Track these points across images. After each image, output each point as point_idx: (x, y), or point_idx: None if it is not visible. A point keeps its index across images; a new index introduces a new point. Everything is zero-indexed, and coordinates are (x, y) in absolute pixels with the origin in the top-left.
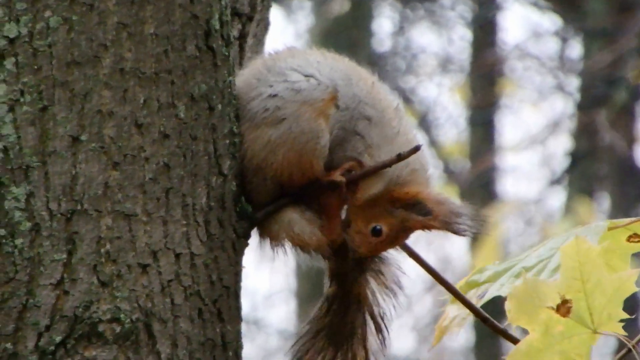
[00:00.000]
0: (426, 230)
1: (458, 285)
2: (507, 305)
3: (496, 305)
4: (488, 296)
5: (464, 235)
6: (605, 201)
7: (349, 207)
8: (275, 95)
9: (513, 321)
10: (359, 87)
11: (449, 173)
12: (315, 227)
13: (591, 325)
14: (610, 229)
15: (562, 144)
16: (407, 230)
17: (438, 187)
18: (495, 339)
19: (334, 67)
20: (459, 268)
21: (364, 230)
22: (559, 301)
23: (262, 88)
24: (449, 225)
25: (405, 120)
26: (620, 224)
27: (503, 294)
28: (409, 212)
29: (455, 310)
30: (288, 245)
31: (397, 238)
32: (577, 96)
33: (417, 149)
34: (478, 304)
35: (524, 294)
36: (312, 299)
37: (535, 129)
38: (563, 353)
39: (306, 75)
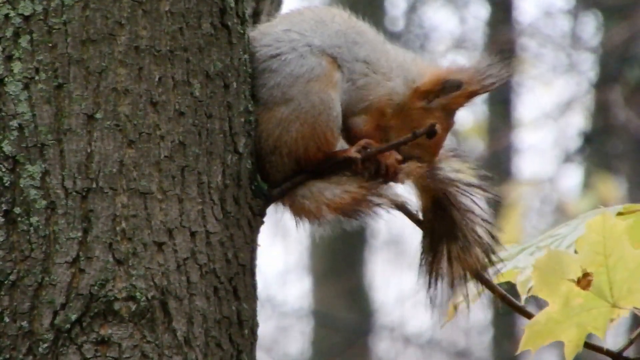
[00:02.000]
0: (469, 100)
1: None
2: (531, 277)
3: (512, 286)
4: (505, 270)
5: (501, 82)
6: (623, 178)
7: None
8: (278, 84)
9: (536, 292)
10: (335, 22)
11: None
12: (344, 185)
13: (610, 299)
14: (623, 213)
15: (576, 122)
16: (452, 112)
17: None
18: (511, 316)
19: (304, 27)
20: None
21: (421, 140)
22: (580, 274)
23: (262, 79)
24: (483, 81)
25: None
26: (635, 208)
27: (517, 270)
28: (445, 95)
29: (469, 286)
30: (329, 217)
31: (449, 124)
32: (592, 74)
33: (432, 126)
34: (494, 280)
35: (547, 266)
36: (327, 276)
37: (550, 107)
38: (580, 325)
39: (296, 61)
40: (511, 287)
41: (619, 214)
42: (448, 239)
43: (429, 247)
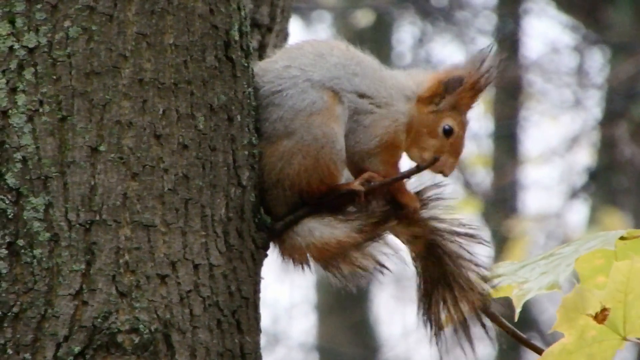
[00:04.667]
0: (475, 93)
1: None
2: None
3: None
4: (501, 284)
5: (499, 69)
6: (628, 213)
7: (411, 151)
8: (281, 118)
9: (557, 327)
10: (334, 55)
11: (469, 186)
12: (333, 228)
13: (622, 333)
14: (626, 238)
15: (582, 158)
16: (463, 109)
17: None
18: (517, 351)
19: (303, 62)
20: None
21: (438, 143)
22: (599, 310)
23: (265, 114)
24: (483, 72)
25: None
26: (637, 233)
27: (514, 284)
28: (450, 95)
29: (472, 329)
30: (313, 261)
31: (462, 122)
32: (598, 110)
33: (436, 160)
34: (491, 295)
35: (572, 303)
36: (333, 311)
37: (556, 143)
38: (591, 356)
39: (298, 97)
40: (508, 304)
41: (622, 238)
42: (442, 285)
43: (424, 293)
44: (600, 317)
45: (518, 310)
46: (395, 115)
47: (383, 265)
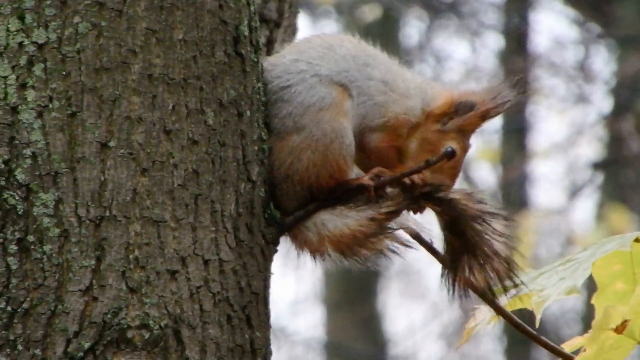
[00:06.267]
0: (483, 121)
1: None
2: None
3: (524, 315)
4: (522, 293)
5: (513, 103)
6: (636, 208)
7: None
8: (290, 113)
9: (584, 343)
10: (344, 47)
11: (473, 181)
12: (347, 219)
13: (638, 338)
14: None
15: (588, 153)
16: (467, 134)
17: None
18: (526, 345)
19: (312, 56)
20: None
21: (439, 164)
22: (619, 322)
23: (274, 109)
24: (496, 101)
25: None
26: None
27: (533, 291)
28: (459, 118)
29: (483, 312)
30: (331, 252)
31: (465, 146)
32: (604, 105)
33: (445, 155)
34: (508, 304)
35: (599, 325)
36: (341, 307)
37: (562, 138)
38: None
39: (306, 92)
40: (523, 315)
41: (637, 240)
42: (468, 254)
43: (450, 262)
44: (620, 328)
45: (538, 317)
46: (409, 109)
47: (404, 244)
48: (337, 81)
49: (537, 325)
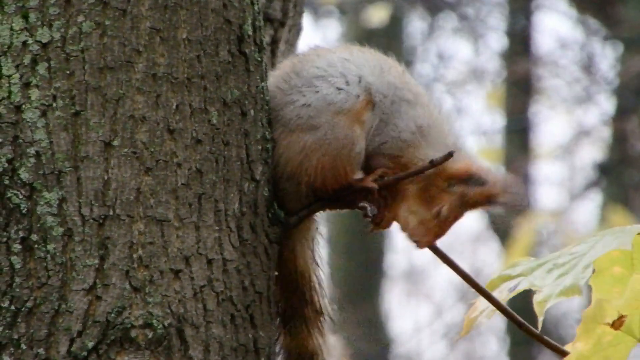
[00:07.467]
0: (485, 202)
1: (491, 280)
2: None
3: (527, 302)
4: (520, 288)
5: (516, 206)
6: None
7: (400, 205)
8: (308, 105)
9: (578, 339)
10: (391, 74)
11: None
12: None
13: (637, 335)
14: None
15: (592, 154)
16: (466, 205)
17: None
18: (528, 346)
19: (362, 62)
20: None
21: (427, 217)
22: (616, 318)
23: (294, 96)
24: (505, 192)
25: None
26: None
27: (534, 288)
28: (466, 188)
29: (484, 303)
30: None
31: (458, 215)
32: (609, 105)
33: (450, 155)
34: (509, 297)
35: (591, 316)
36: (344, 307)
37: (566, 139)
38: (606, 358)
39: (337, 87)
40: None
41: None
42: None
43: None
44: (617, 323)
45: (541, 318)
46: (428, 157)
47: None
48: (373, 94)
49: (539, 328)
